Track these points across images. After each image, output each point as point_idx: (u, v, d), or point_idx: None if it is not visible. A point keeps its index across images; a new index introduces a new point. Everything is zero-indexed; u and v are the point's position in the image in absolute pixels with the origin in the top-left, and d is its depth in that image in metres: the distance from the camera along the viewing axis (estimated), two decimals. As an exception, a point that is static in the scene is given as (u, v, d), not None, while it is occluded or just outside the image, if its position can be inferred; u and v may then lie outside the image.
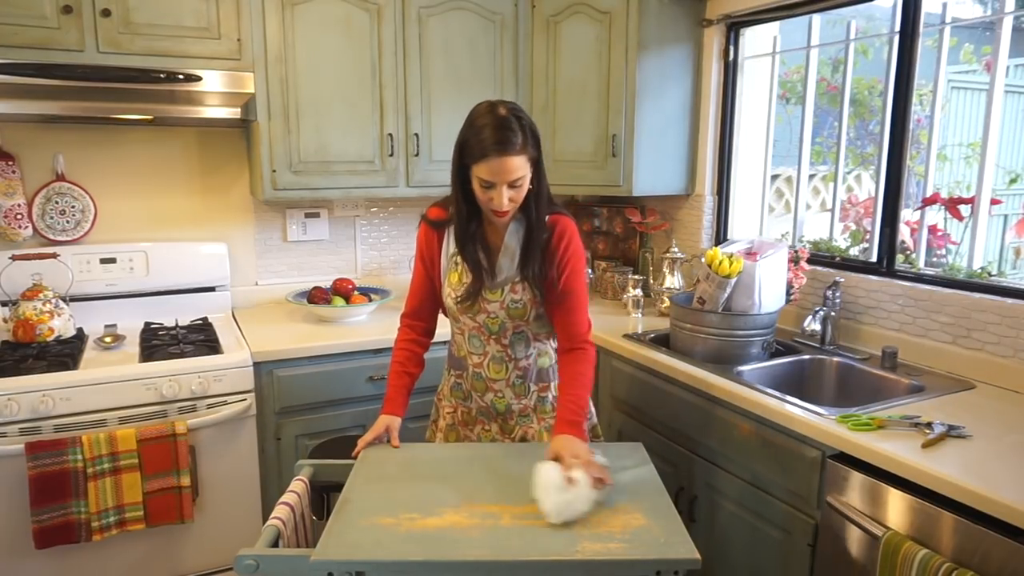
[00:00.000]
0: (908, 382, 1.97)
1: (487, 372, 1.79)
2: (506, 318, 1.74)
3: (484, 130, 1.57)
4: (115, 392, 2.06)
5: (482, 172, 1.58)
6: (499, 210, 1.61)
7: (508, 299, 1.72)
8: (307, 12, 2.42)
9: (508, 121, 1.57)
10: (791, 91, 3.63)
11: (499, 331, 1.76)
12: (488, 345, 1.78)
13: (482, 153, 1.56)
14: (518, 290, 1.72)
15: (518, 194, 1.62)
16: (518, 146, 1.56)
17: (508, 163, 1.56)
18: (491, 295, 1.73)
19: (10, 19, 2.06)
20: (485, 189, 1.60)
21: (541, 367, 1.82)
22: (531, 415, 1.82)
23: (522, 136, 1.57)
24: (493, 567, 1.24)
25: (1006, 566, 1.30)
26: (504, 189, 1.58)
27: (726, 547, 1.98)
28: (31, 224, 2.45)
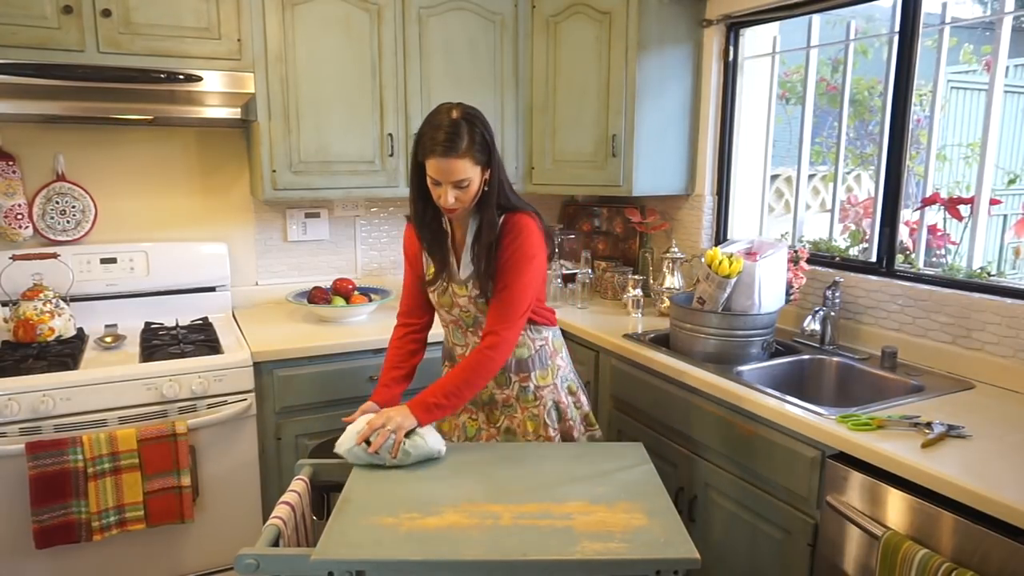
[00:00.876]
0: (908, 382, 1.97)
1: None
2: (476, 312, 1.82)
3: (436, 131, 1.65)
4: (115, 392, 2.06)
5: (430, 170, 1.67)
6: (445, 207, 1.70)
7: (473, 292, 1.80)
8: (307, 12, 2.42)
9: (458, 125, 1.65)
10: (791, 91, 3.63)
11: (472, 324, 1.85)
12: (467, 336, 1.88)
13: (431, 151, 1.65)
14: (480, 286, 1.78)
15: (464, 195, 1.69)
16: (461, 150, 1.63)
17: (452, 164, 1.64)
18: (459, 290, 1.82)
19: (10, 19, 2.06)
20: (435, 186, 1.70)
21: (520, 357, 1.87)
22: (514, 404, 1.88)
23: (468, 141, 1.64)
24: (493, 567, 1.24)
25: (1006, 566, 1.30)
26: (449, 188, 1.67)
27: (726, 547, 1.98)
28: (31, 224, 2.45)
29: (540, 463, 1.60)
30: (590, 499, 1.42)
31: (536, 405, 1.87)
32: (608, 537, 1.29)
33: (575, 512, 1.37)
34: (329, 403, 2.37)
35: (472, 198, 1.71)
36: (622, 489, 1.47)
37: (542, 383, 1.89)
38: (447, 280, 1.83)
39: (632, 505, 1.40)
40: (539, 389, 1.88)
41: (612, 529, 1.32)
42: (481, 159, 1.68)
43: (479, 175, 1.69)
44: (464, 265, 1.81)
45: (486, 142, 1.68)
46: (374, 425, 1.59)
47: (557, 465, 1.59)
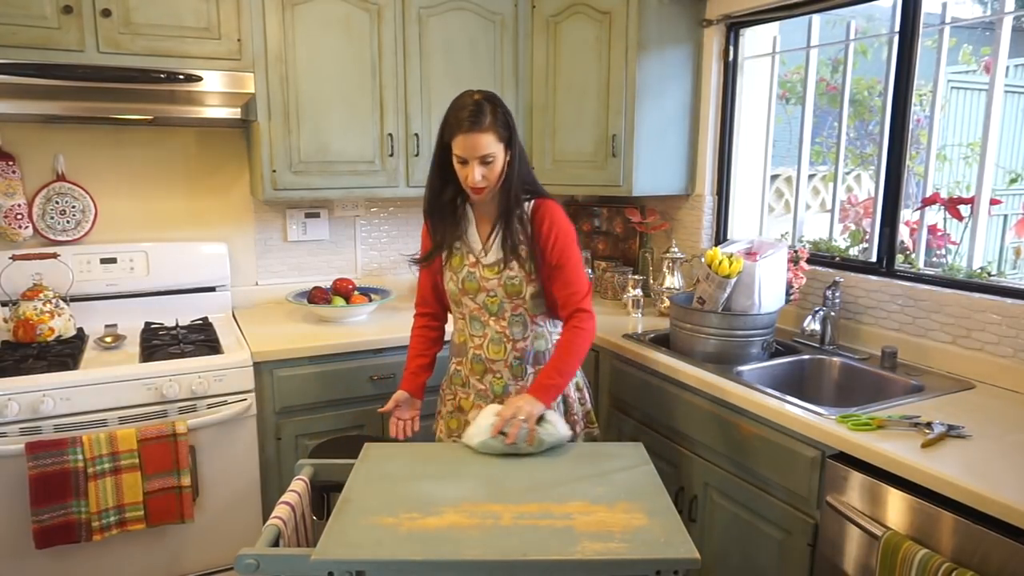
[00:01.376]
0: (908, 382, 1.97)
1: (486, 353, 1.90)
2: (504, 296, 1.86)
3: (461, 110, 1.75)
4: (115, 392, 2.06)
5: (457, 148, 1.75)
6: (473, 186, 1.76)
7: (505, 276, 1.84)
8: (307, 12, 2.42)
9: (480, 104, 1.75)
10: (791, 91, 3.63)
11: (498, 311, 1.88)
12: (488, 326, 1.90)
13: (456, 129, 1.74)
14: (513, 268, 1.84)
15: (490, 172, 1.77)
16: (485, 124, 1.73)
17: (477, 139, 1.73)
18: (489, 272, 1.86)
19: (10, 19, 2.06)
20: (462, 166, 1.77)
21: (538, 350, 1.92)
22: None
23: (491, 117, 1.74)
24: (493, 567, 1.24)
25: (1006, 566, 1.30)
26: (476, 165, 1.74)
27: (726, 547, 1.98)
28: (31, 224, 2.45)
29: (540, 463, 1.60)
30: (590, 499, 1.42)
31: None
32: (608, 537, 1.29)
33: (575, 512, 1.37)
34: (329, 403, 2.37)
35: (497, 177, 1.78)
36: (622, 489, 1.47)
37: None
38: (472, 265, 1.88)
39: (632, 505, 1.40)
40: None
41: (612, 529, 1.32)
42: (503, 135, 1.77)
43: (502, 153, 1.77)
44: (493, 248, 1.86)
45: (507, 121, 1.78)
46: (505, 416, 1.65)
47: (557, 465, 1.59)
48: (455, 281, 1.90)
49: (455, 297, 1.92)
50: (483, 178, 1.76)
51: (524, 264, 1.84)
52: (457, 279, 1.89)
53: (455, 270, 1.89)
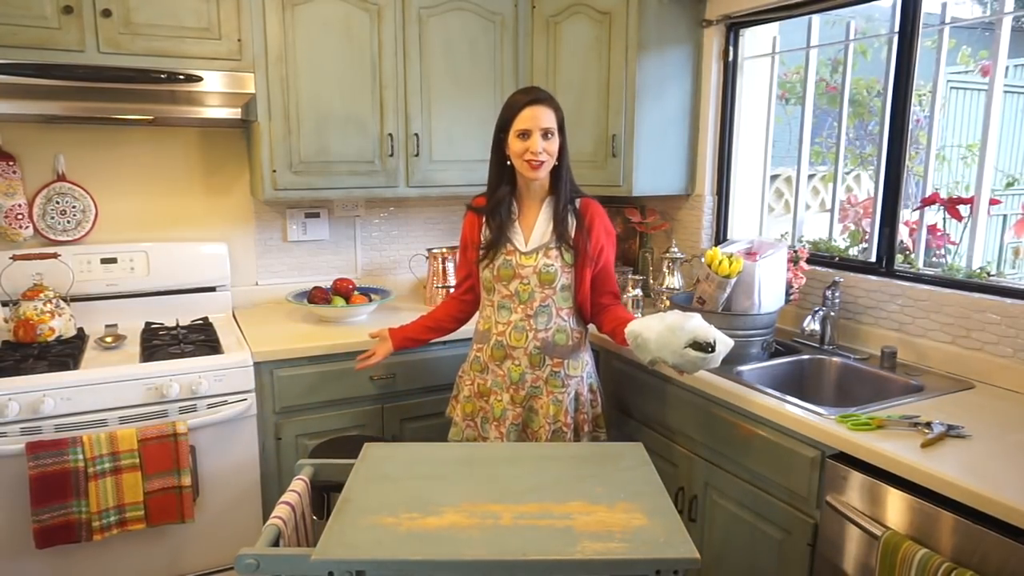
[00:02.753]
0: (907, 382, 1.97)
1: (508, 340, 1.98)
2: (536, 284, 1.95)
3: (516, 95, 1.92)
4: (115, 392, 2.06)
5: (520, 123, 1.87)
6: (535, 158, 1.86)
7: (541, 263, 1.95)
8: (307, 12, 2.42)
9: (535, 87, 1.97)
10: (790, 91, 3.63)
11: (528, 299, 1.97)
12: (514, 314, 1.98)
13: (518, 109, 1.87)
14: (551, 256, 1.95)
15: (551, 146, 1.89)
16: (546, 99, 1.89)
17: (539, 111, 1.86)
18: (526, 260, 1.96)
19: (10, 19, 2.06)
20: (523, 140, 1.87)
21: (558, 342, 1.99)
22: (542, 387, 1.99)
23: (549, 95, 1.90)
24: (493, 567, 1.24)
25: (1005, 566, 1.30)
26: (538, 138, 1.86)
27: (726, 547, 1.98)
28: (32, 224, 2.46)
29: (540, 463, 1.60)
30: (590, 499, 1.42)
31: (562, 391, 1.99)
32: (608, 537, 1.29)
33: (575, 512, 1.37)
34: (329, 403, 2.38)
35: (554, 155, 1.91)
36: (622, 489, 1.47)
37: (572, 372, 2.01)
38: (510, 253, 1.97)
39: (632, 505, 1.40)
40: (568, 377, 2.00)
41: (612, 529, 1.32)
42: (560, 117, 1.91)
43: (558, 134, 1.90)
44: (536, 236, 1.97)
45: (559, 105, 1.92)
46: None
47: (557, 465, 1.59)
48: (491, 268, 1.99)
49: (488, 284, 2.02)
50: (544, 151, 1.87)
51: (565, 254, 1.95)
52: (493, 266, 1.99)
53: (492, 259, 1.99)
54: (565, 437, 2.00)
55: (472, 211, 2.07)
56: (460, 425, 2.10)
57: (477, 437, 2.06)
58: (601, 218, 2.01)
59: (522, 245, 1.97)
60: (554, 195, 1.98)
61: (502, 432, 1.99)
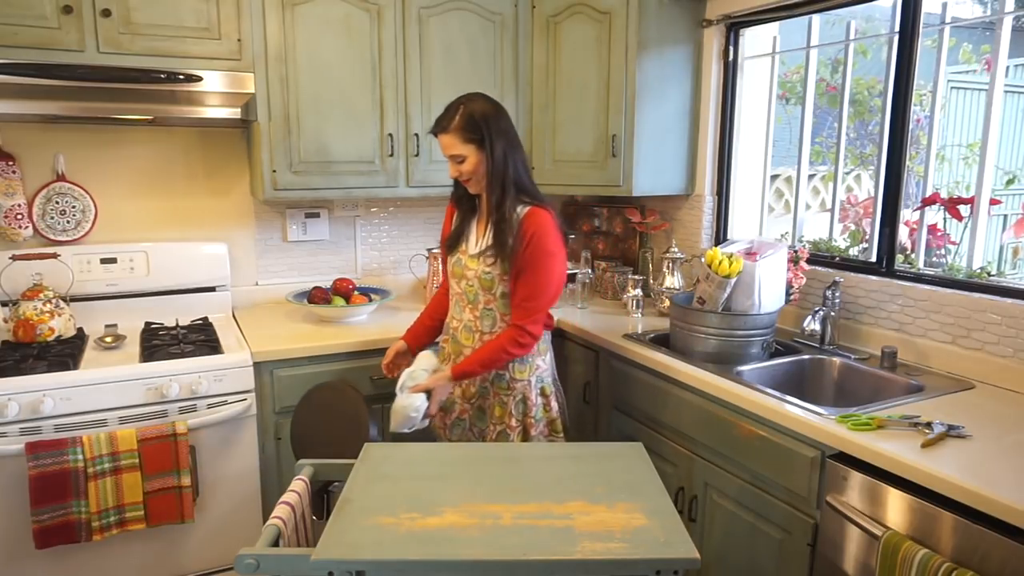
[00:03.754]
0: (907, 382, 1.97)
1: (460, 337, 2.06)
2: (479, 288, 1.99)
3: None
4: (115, 392, 2.06)
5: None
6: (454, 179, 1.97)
7: (481, 269, 1.97)
8: (307, 12, 2.42)
9: (450, 106, 1.92)
10: (791, 91, 3.64)
11: (474, 300, 2.01)
12: (465, 312, 2.04)
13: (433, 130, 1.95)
14: (489, 263, 1.96)
15: (465, 168, 1.92)
16: (445, 127, 1.90)
17: (443, 141, 1.92)
18: (471, 263, 2.00)
19: (10, 19, 2.06)
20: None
21: None
22: (488, 387, 2.04)
23: (458, 120, 1.88)
24: (493, 567, 1.24)
25: (1006, 566, 1.30)
26: (450, 162, 1.94)
27: (726, 547, 1.98)
28: (31, 224, 2.45)
29: (540, 463, 1.60)
30: (590, 499, 1.42)
31: (507, 393, 2.02)
32: (608, 537, 1.29)
33: (575, 512, 1.37)
34: (329, 403, 2.37)
35: (473, 172, 1.92)
36: (622, 489, 1.47)
37: (518, 376, 2.02)
38: (463, 253, 2.02)
39: (632, 505, 1.40)
40: (513, 380, 2.02)
41: (612, 529, 1.32)
42: (470, 137, 1.89)
43: (475, 153, 1.90)
44: (482, 241, 1.99)
45: (475, 123, 1.88)
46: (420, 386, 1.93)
47: (557, 465, 1.59)
48: (448, 264, 2.08)
49: (450, 279, 2.09)
50: (458, 172, 1.94)
51: (501, 263, 1.94)
52: (449, 263, 2.07)
53: (452, 255, 2.06)
54: (509, 439, 2.02)
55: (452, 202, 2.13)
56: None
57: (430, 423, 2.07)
58: (538, 226, 1.90)
59: (472, 246, 2.02)
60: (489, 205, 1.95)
61: (446, 423, 2.08)
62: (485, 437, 2.06)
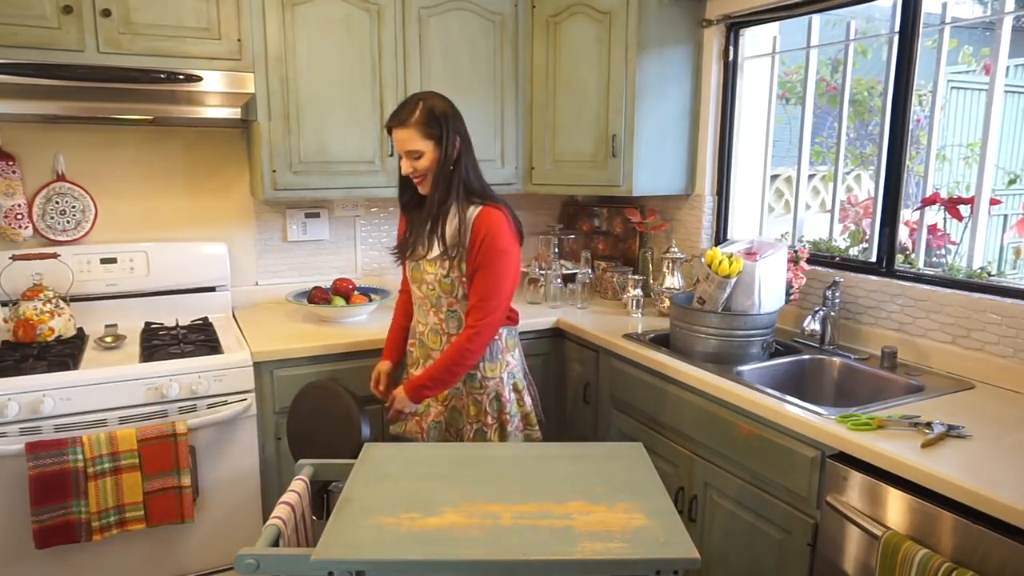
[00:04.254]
0: (908, 382, 1.97)
1: (427, 340, 2.06)
2: (440, 292, 1.99)
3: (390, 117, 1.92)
4: (115, 392, 2.06)
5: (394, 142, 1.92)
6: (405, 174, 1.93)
7: (439, 273, 1.97)
8: (307, 12, 2.42)
9: (411, 101, 1.89)
10: (791, 91, 3.63)
11: (435, 304, 2.02)
12: (429, 316, 2.04)
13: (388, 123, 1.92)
14: (446, 266, 1.96)
15: (420, 164, 1.89)
16: (404, 121, 1.86)
17: (399, 135, 1.88)
18: (428, 267, 2.00)
19: (10, 19, 2.06)
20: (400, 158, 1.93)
21: None
22: (461, 388, 2.04)
23: (417, 115, 1.86)
24: (493, 567, 1.24)
25: (1006, 566, 1.30)
26: (405, 158, 1.90)
27: (726, 547, 1.98)
28: (31, 224, 2.45)
29: (540, 463, 1.60)
30: (590, 499, 1.42)
31: (480, 392, 2.03)
32: (608, 537, 1.29)
33: (575, 512, 1.37)
34: (329, 403, 2.37)
35: (428, 169, 1.90)
36: (622, 489, 1.47)
37: (489, 374, 2.03)
38: (420, 258, 2.01)
39: (632, 505, 1.40)
40: (485, 379, 2.03)
41: (612, 529, 1.32)
42: (429, 133, 1.87)
43: (432, 150, 1.88)
44: (435, 244, 1.97)
45: (435, 118, 1.86)
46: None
47: (557, 465, 1.59)
48: (408, 269, 2.08)
49: (411, 284, 2.09)
50: (413, 169, 1.91)
51: (457, 265, 1.94)
52: (409, 268, 2.07)
53: (410, 260, 2.06)
54: (487, 436, 2.04)
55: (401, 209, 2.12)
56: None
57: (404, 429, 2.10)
58: (491, 225, 1.90)
59: (428, 251, 1.99)
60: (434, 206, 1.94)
61: (423, 427, 2.05)
62: (462, 436, 2.05)
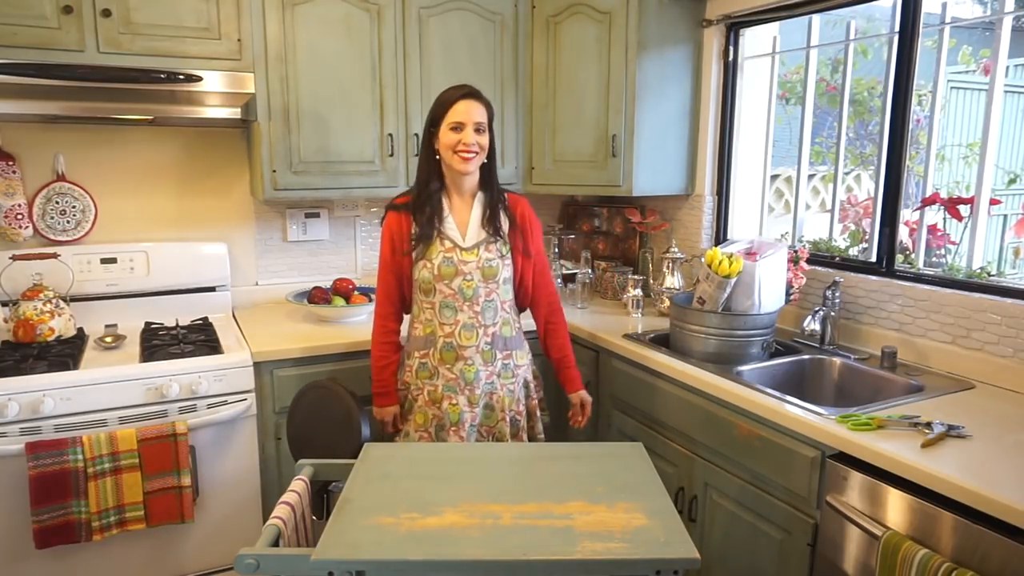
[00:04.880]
0: (907, 382, 1.97)
1: (458, 340, 1.98)
2: (480, 280, 1.97)
3: (448, 91, 1.93)
4: (115, 392, 2.06)
5: (453, 116, 1.89)
6: (467, 148, 1.89)
7: (483, 258, 1.97)
8: (307, 12, 2.42)
9: (467, 84, 1.95)
10: (791, 91, 3.63)
11: (473, 296, 1.97)
12: (460, 313, 1.98)
13: (450, 103, 1.90)
14: (491, 250, 1.98)
15: (483, 141, 1.92)
16: (479, 95, 1.92)
17: (473, 105, 1.90)
18: (467, 255, 1.97)
19: (10, 19, 2.06)
20: (455, 133, 1.89)
21: (505, 336, 2.03)
22: (495, 381, 2.02)
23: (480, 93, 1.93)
24: (493, 567, 1.24)
25: (1006, 566, 1.30)
26: (470, 130, 1.89)
27: (726, 547, 1.98)
28: (31, 224, 2.45)
29: (539, 463, 1.60)
30: (590, 499, 1.43)
31: (513, 381, 2.05)
32: (608, 537, 1.29)
33: (575, 512, 1.38)
34: (329, 403, 2.37)
35: (485, 149, 1.94)
36: (622, 489, 1.47)
37: (520, 362, 2.07)
38: (450, 250, 1.96)
39: (632, 505, 1.40)
40: (517, 367, 2.06)
41: (612, 529, 1.32)
42: (490, 115, 1.95)
43: (487, 131, 1.94)
44: (472, 232, 1.98)
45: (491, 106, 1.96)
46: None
47: (557, 465, 1.59)
48: (430, 268, 1.96)
49: (427, 285, 1.97)
50: (477, 144, 1.90)
51: (502, 247, 1.99)
52: (432, 266, 1.96)
53: (430, 258, 1.96)
54: (520, 425, 2.05)
55: (395, 210, 2.00)
56: (413, 437, 2.03)
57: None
58: (529, 212, 2.07)
59: (461, 240, 1.98)
60: (484, 191, 2.02)
61: (462, 437, 1.97)
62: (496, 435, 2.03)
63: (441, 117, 1.91)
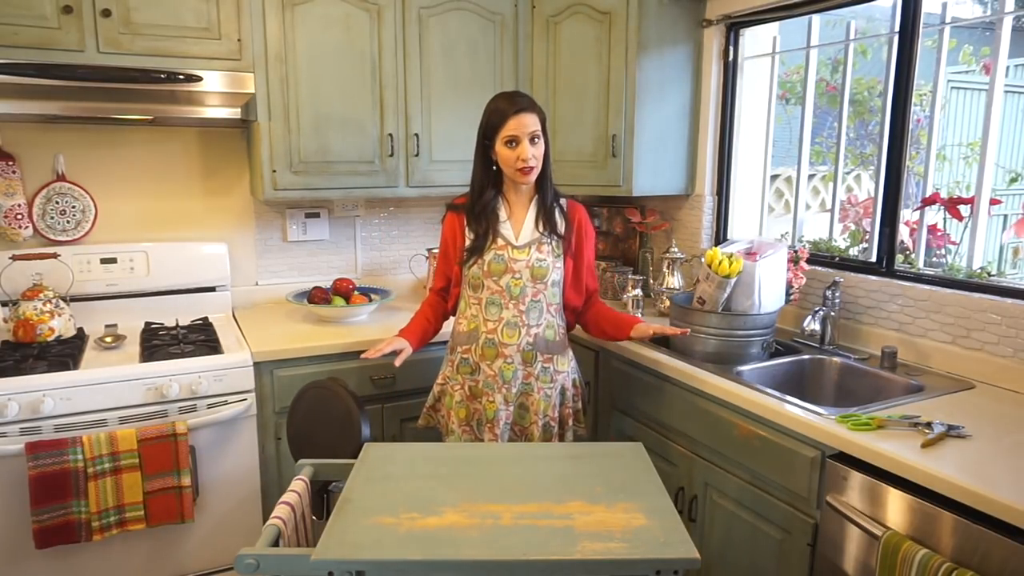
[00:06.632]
0: (907, 382, 1.97)
1: (500, 337, 1.99)
2: (528, 279, 1.97)
3: (500, 102, 1.93)
4: (115, 392, 2.06)
5: (509, 129, 1.89)
6: (525, 164, 1.90)
7: (534, 257, 1.97)
8: (307, 12, 2.42)
9: (517, 92, 2.02)
10: (791, 91, 3.64)
11: (519, 295, 1.98)
12: (505, 310, 1.99)
13: (503, 117, 1.89)
14: (544, 250, 1.99)
15: (539, 151, 1.93)
16: (531, 106, 1.92)
17: (525, 118, 1.89)
18: (518, 254, 1.98)
19: (10, 19, 2.06)
20: (511, 148, 1.91)
21: (548, 338, 2.02)
22: (532, 383, 2.01)
23: (531, 101, 1.94)
24: (493, 567, 1.24)
25: (1006, 566, 1.30)
26: (527, 144, 1.90)
27: (726, 547, 1.98)
28: (31, 224, 2.45)
29: (540, 463, 1.60)
30: (590, 499, 1.43)
31: (551, 386, 2.03)
32: (608, 537, 1.29)
33: (575, 512, 1.38)
34: (329, 403, 2.37)
35: (541, 159, 1.95)
36: (622, 489, 1.47)
37: (560, 368, 2.05)
38: (502, 248, 1.98)
39: (632, 505, 1.40)
40: (556, 373, 2.04)
41: (612, 529, 1.32)
42: (543, 119, 1.94)
43: (542, 138, 1.94)
44: (527, 231, 2.00)
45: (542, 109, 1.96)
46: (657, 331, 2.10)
47: (557, 465, 1.59)
48: (480, 264, 1.99)
49: (476, 280, 2.00)
50: (533, 156, 1.91)
51: (556, 248, 2.00)
52: (483, 261, 1.98)
53: (480, 254, 2.00)
54: (553, 431, 2.04)
55: (453, 211, 2.06)
56: (457, 432, 2.05)
57: (474, 440, 2.06)
58: (586, 219, 2.10)
59: (513, 239, 1.99)
60: (540, 193, 2.02)
61: (496, 434, 1.99)
62: (528, 436, 2.03)
63: (496, 130, 1.91)
